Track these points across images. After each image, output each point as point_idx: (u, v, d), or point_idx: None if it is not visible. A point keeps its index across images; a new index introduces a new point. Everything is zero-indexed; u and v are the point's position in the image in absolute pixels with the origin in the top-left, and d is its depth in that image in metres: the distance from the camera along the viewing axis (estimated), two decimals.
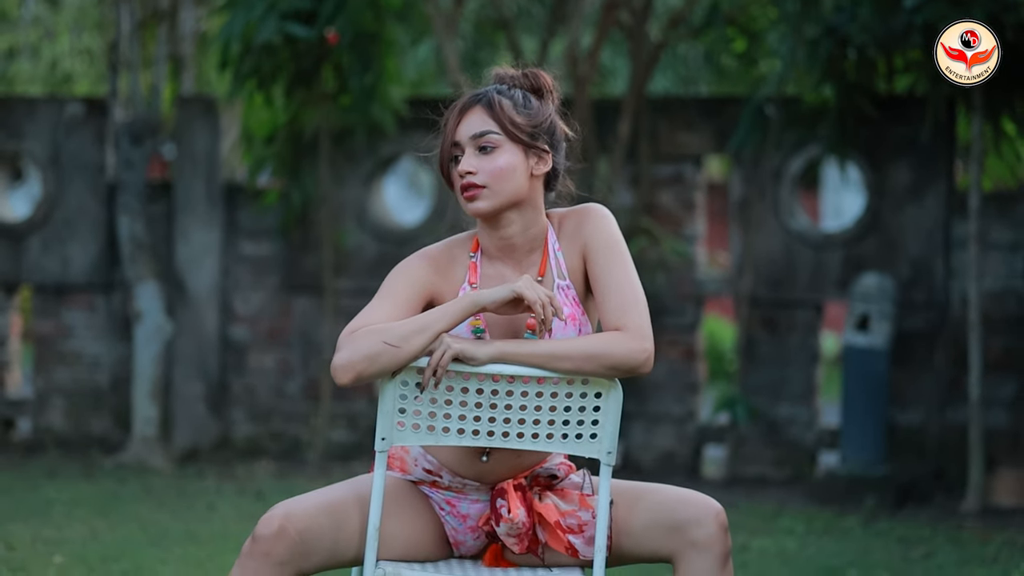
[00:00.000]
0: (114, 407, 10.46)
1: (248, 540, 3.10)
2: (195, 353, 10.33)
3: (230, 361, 10.37)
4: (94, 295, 10.55)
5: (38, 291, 10.72)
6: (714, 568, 3.16)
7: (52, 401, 10.58)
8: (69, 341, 10.60)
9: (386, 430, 3.11)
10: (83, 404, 10.52)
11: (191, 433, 10.21)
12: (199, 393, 10.29)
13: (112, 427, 10.44)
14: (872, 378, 8.56)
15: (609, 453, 3.16)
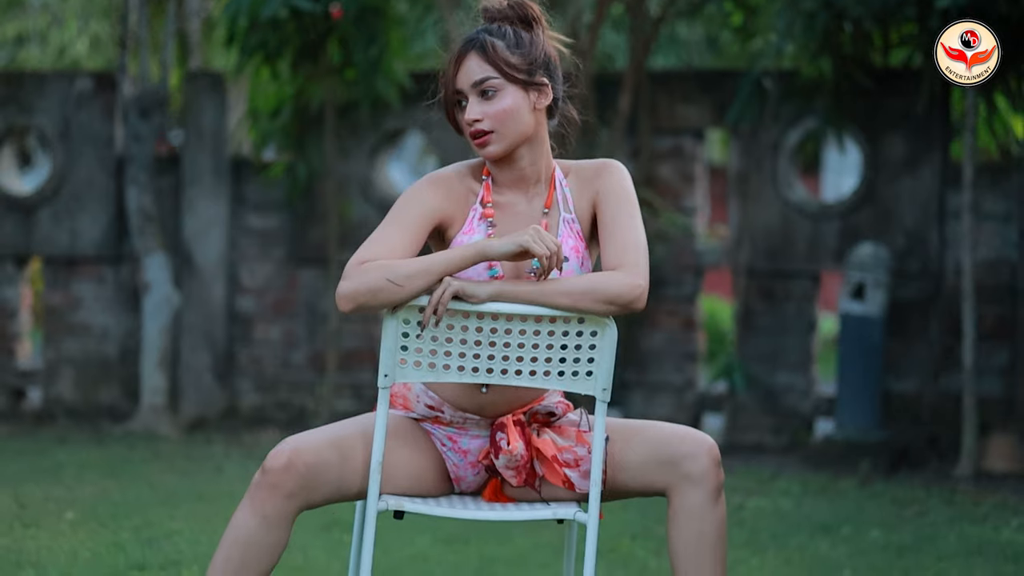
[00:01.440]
0: (122, 377, 10.61)
1: (257, 473, 3.23)
2: (202, 324, 10.48)
3: (237, 332, 10.52)
4: (103, 267, 10.70)
5: (48, 263, 10.87)
6: (707, 501, 3.29)
7: (61, 371, 10.74)
8: (78, 312, 10.75)
9: (388, 367, 3.24)
10: (92, 374, 10.68)
11: (198, 403, 10.37)
12: (206, 363, 10.45)
13: (121, 397, 10.59)
14: (867, 346, 8.72)
15: (604, 390, 3.28)
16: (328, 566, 5.42)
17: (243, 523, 3.21)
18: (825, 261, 9.41)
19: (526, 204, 3.38)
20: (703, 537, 3.28)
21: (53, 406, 10.65)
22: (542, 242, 3.15)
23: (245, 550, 3.21)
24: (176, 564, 5.35)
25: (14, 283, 10.94)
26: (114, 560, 5.42)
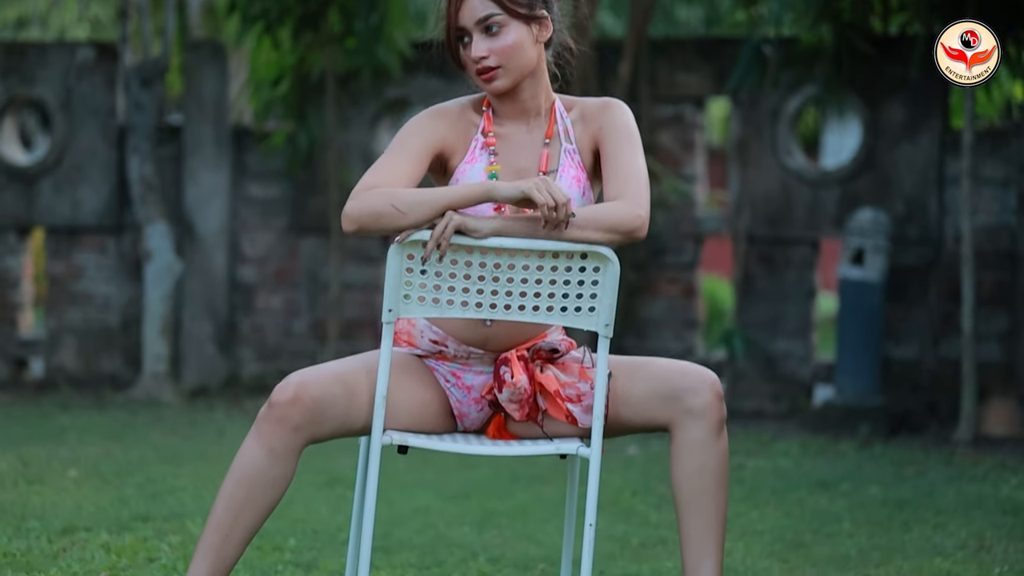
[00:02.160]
0: (124, 347, 10.65)
1: (263, 407, 3.26)
2: (204, 294, 10.51)
3: (238, 301, 10.55)
4: (105, 237, 10.73)
5: (50, 233, 10.89)
6: (710, 435, 3.32)
7: (64, 341, 10.77)
8: (80, 282, 10.78)
9: (392, 302, 3.27)
10: (94, 344, 10.71)
11: (200, 372, 10.41)
12: (208, 333, 10.48)
13: (123, 366, 10.63)
14: (867, 311, 8.76)
15: (607, 326, 3.31)
16: (331, 519, 5.46)
17: (249, 456, 3.25)
18: (825, 228, 9.44)
19: (527, 134, 3.42)
20: (705, 470, 3.32)
21: (55, 375, 10.69)
22: (548, 192, 3.17)
23: (251, 482, 3.24)
24: (180, 516, 5.38)
25: (16, 253, 10.97)
26: (118, 513, 5.46)
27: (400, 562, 4.72)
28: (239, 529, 3.24)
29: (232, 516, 3.24)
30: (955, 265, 8.98)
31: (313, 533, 5.18)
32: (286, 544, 4.95)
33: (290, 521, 5.37)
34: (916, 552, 5.00)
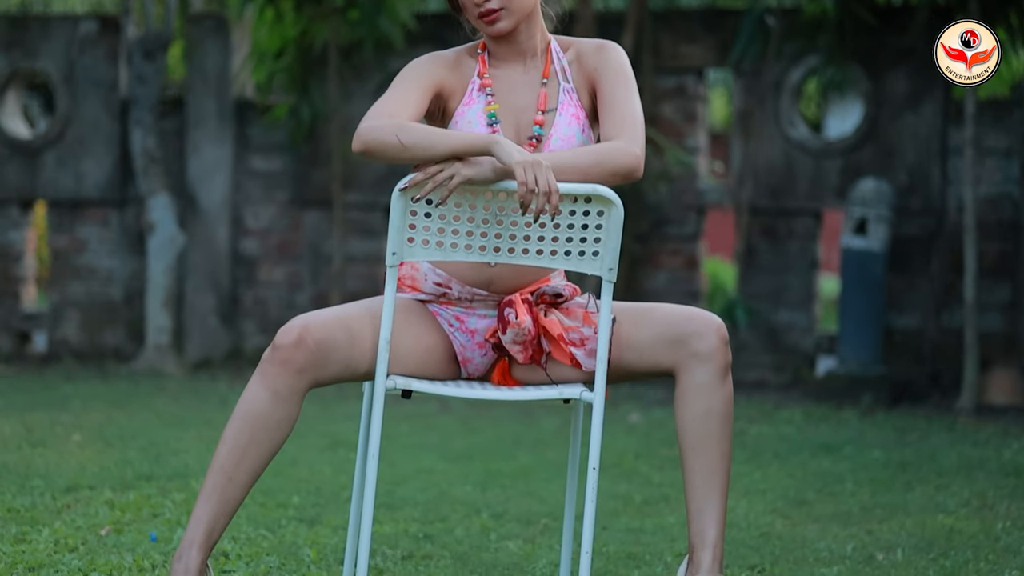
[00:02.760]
0: (127, 320, 10.66)
1: (267, 350, 3.26)
2: (206, 267, 10.52)
3: (241, 274, 10.56)
4: (108, 210, 10.73)
5: (53, 207, 10.90)
6: (715, 378, 3.32)
7: (67, 314, 10.78)
8: (83, 255, 10.79)
9: (396, 245, 3.27)
10: (97, 317, 10.72)
11: (203, 345, 10.42)
12: (211, 306, 10.49)
13: (126, 340, 10.64)
14: (869, 280, 8.76)
15: (611, 270, 3.31)
16: (334, 479, 5.47)
17: (254, 398, 3.25)
18: (827, 199, 9.44)
19: (524, 75, 3.43)
20: (710, 414, 3.31)
21: (58, 348, 10.70)
22: (535, 175, 3.12)
23: (255, 424, 3.24)
24: (183, 476, 5.40)
25: (19, 227, 10.97)
26: (122, 472, 5.47)
27: (403, 517, 4.73)
28: (243, 471, 3.24)
29: (236, 459, 3.24)
30: (958, 235, 8.98)
31: (316, 491, 5.19)
32: (290, 501, 4.97)
33: (294, 480, 5.38)
34: (919, 509, 5.01)
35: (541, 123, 3.37)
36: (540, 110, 3.40)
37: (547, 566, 4.04)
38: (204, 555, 3.18)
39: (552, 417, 7.47)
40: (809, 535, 4.56)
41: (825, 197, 9.45)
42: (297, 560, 4.05)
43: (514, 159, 3.12)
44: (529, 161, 3.13)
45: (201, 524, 3.20)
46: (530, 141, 3.35)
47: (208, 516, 3.21)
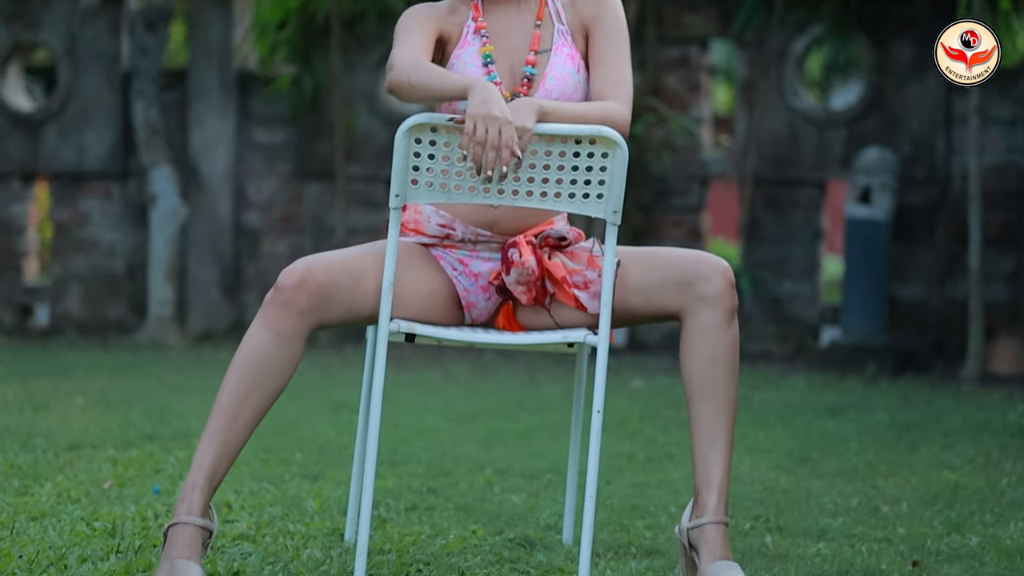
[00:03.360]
0: (130, 293, 10.64)
1: (270, 292, 3.24)
2: (209, 239, 10.50)
3: (243, 247, 10.54)
4: (110, 183, 10.71)
5: (55, 180, 10.88)
6: (721, 322, 3.30)
7: (69, 288, 10.76)
8: (85, 229, 10.77)
9: (399, 187, 3.25)
10: (99, 290, 10.71)
11: (205, 317, 10.41)
12: (213, 278, 10.48)
13: (128, 313, 10.63)
14: (873, 249, 8.73)
15: (615, 212, 3.28)
16: (337, 438, 5.46)
17: (256, 340, 3.23)
18: (831, 169, 9.42)
19: (518, 17, 3.43)
20: (717, 358, 3.29)
21: (61, 322, 10.69)
22: (484, 127, 3.08)
23: (257, 367, 3.23)
24: (186, 435, 5.39)
25: (21, 201, 10.96)
26: (124, 433, 5.46)
27: (407, 472, 4.72)
28: (245, 413, 3.22)
29: (239, 401, 3.22)
30: (962, 205, 8.96)
31: (319, 450, 5.18)
32: (292, 458, 4.96)
33: (296, 440, 5.38)
34: (923, 466, 5.00)
35: (534, 63, 3.37)
36: (533, 50, 3.39)
37: (551, 516, 4.03)
38: (207, 497, 3.16)
39: (555, 383, 7.47)
40: (814, 489, 4.55)
41: (829, 167, 9.43)
42: (300, 511, 4.03)
43: (471, 110, 3.09)
44: (483, 114, 3.08)
45: (204, 466, 3.18)
46: (523, 82, 3.34)
47: (211, 458, 3.19)
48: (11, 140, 10.79)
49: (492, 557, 3.49)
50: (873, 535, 3.85)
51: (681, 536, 3.27)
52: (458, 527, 3.84)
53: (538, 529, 3.87)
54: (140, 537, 3.57)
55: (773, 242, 9.53)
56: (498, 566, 3.39)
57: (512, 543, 3.67)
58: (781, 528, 3.93)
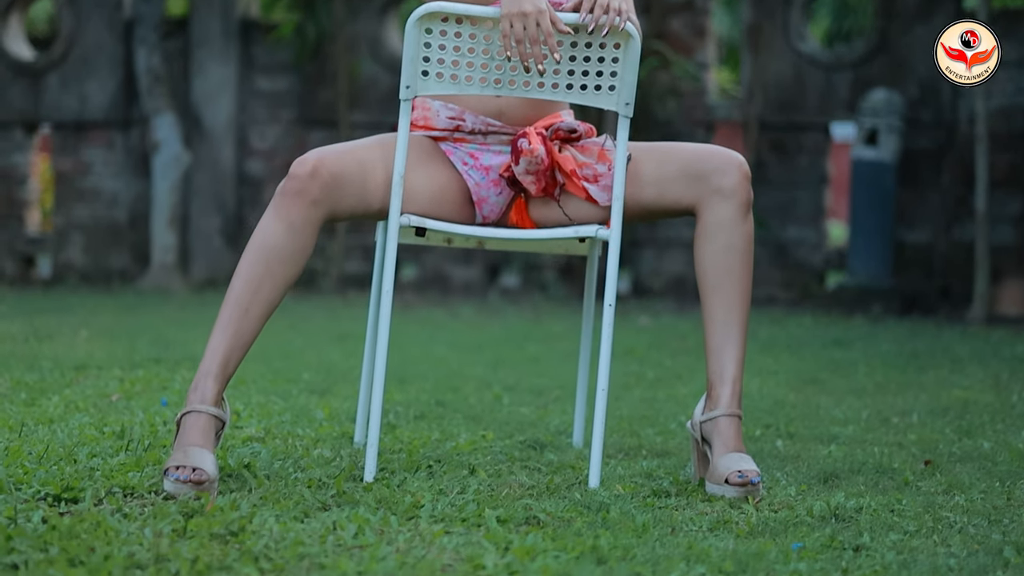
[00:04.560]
0: (132, 242, 10.62)
1: (283, 181, 3.22)
2: (212, 187, 10.47)
3: (246, 195, 10.51)
4: (112, 132, 10.68)
5: (57, 129, 10.84)
6: (737, 214, 3.28)
7: (71, 238, 10.74)
8: (88, 178, 10.74)
9: (410, 78, 3.23)
10: (102, 240, 10.68)
11: (208, 265, 10.39)
12: (216, 226, 10.45)
13: (131, 262, 10.60)
14: (879, 192, 8.71)
15: (627, 104, 3.26)
16: (343, 362, 5.45)
17: (269, 229, 3.21)
18: (837, 112, 9.38)
19: None
20: (732, 249, 3.27)
21: (63, 272, 10.67)
22: (520, 25, 3.10)
23: (270, 256, 3.20)
24: (192, 358, 5.37)
25: (23, 150, 10.92)
26: (129, 357, 5.44)
27: (415, 388, 4.70)
28: (258, 303, 3.20)
29: (251, 290, 3.20)
30: (969, 148, 8.93)
31: (326, 371, 5.17)
32: (300, 377, 4.95)
33: (303, 363, 5.36)
34: (933, 385, 5.00)
35: None
36: None
37: (561, 423, 4.02)
38: (220, 386, 3.14)
39: (560, 321, 7.45)
40: (823, 404, 4.53)
41: (835, 111, 9.39)
42: (309, 418, 4.02)
43: (503, 10, 3.11)
44: (515, 12, 3.11)
45: (217, 355, 3.16)
46: None
47: (223, 347, 3.17)
48: (13, 89, 10.75)
49: (503, 456, 3.48)
50: (884, 440, 3.84)
51: (694, 430, 3.25)
52: (468, 432, 3.83)
53: (548, 433, 3.86)
54: (149, 438, 3.56)
55: (779, 187, 9.50)
56: (508, 463, 3.38)
57: (522, 445, 3.66)
58: (791, 434, 3.92)
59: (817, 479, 3.26)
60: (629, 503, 2.93)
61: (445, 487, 3.04)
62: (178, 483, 2.94)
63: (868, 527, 2.76)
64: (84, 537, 2.51)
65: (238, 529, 2.59)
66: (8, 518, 2.61)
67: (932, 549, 2.61)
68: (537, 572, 2.38)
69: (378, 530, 2.64)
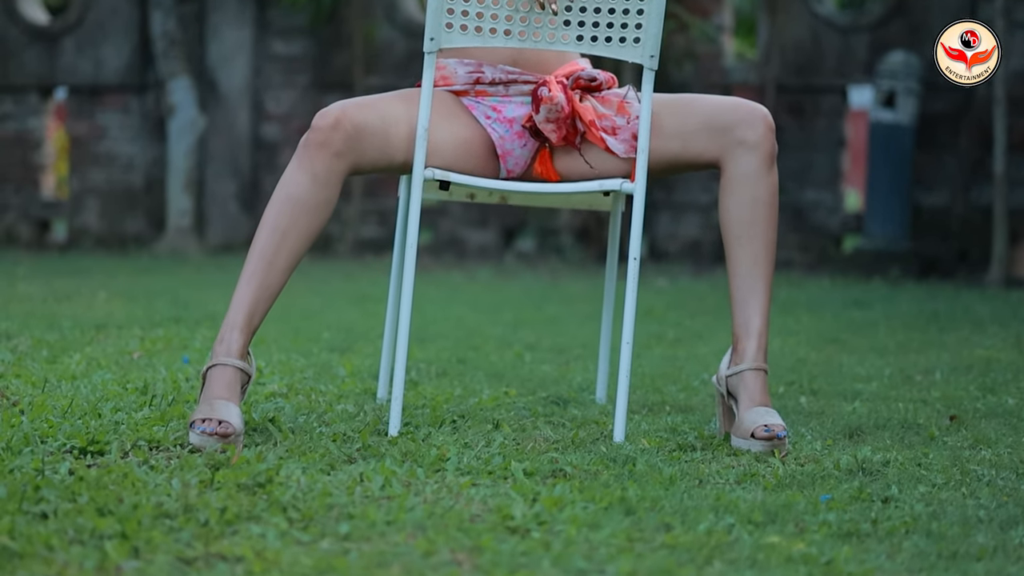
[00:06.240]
0: (148, 207, 10.61)
1: (306, 133, 3.21)
2: (227, 152, 10.46)
3: (261, 159, 10.50)
4: (127, 96, 10.66)
5: (72, 93, 10.83)
6: (762, 166, 3.27)
7: (87, 202, 10.74)
8: (103, 142, 10.73)
9: (434, 30, 3.21)
10: (118, 204, 10.68)
11: (223, 230, 10.38)
12: (231, 191, 10.44)
13: (146, 227, 10.60)
14: (897, 154, 8.68)
15: (652, 57, 3.24)
16: (363, 322, 5.45)
17: (293, 180, 3.21)
18: (855, 75, 9.34)
19: None
20: (757, 201, 3.27)
21: (79, 236, 10.67)
22: None
23: (295, 206, 3.20)
24: (212, 317, 5.37)
25: (38, 114, 10.92)
26: (149, 317, 5.44)
27: (435, 347, 4.70)
28: (283, 255, 3.20)
29: (276, 242, 3.19)
30: (987, 110, 8.89)
31: (346, 330, 5.17)
32: (320, 336, 4.94)
33: (323, 323, 5.36)
34: (955, 345, 4.98)
35: None
36: None
37: (584, 380, 4.01)
38: (246, 338, 3.14)
39: (578, 282, 7.44)
40: (846, 363, 4.52)
41: (852, 73, 9.35)
42: (331, 375, 4.02)
43: None
44: None
45: (242, 307, 3.16)
46: None
47: (249, 299, 3.17)
48: (29, 53, 10.74)
49: (526, 412, 3.47)
50: (908, 396, 3.83)
51: (719, 384, 3.24)
52: (491, 389, 3.82)
53: (571, 389, 3.85)
54: (172, 393, 3.55)
55: (796, 150, 9.47)
56: (532, 419, 3.37)
57: (546, 400, 3.65)
58: (815, 391, 3.91)
59: (842, 434, 3.26)
60: (655, 456, 2.92)
61: (470, 441, 3.04)
62: (204, 435, 2.93)
63: (896, 480, 2.75)
64: (112, 488, 2.51)
65: (265, 480, 2.59)
66: (36, 469, 2.60)
67: (961, 501, 2.60)
68: (566, 522, 2.37)
69: (405, 482, 2.64)
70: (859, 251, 8.81)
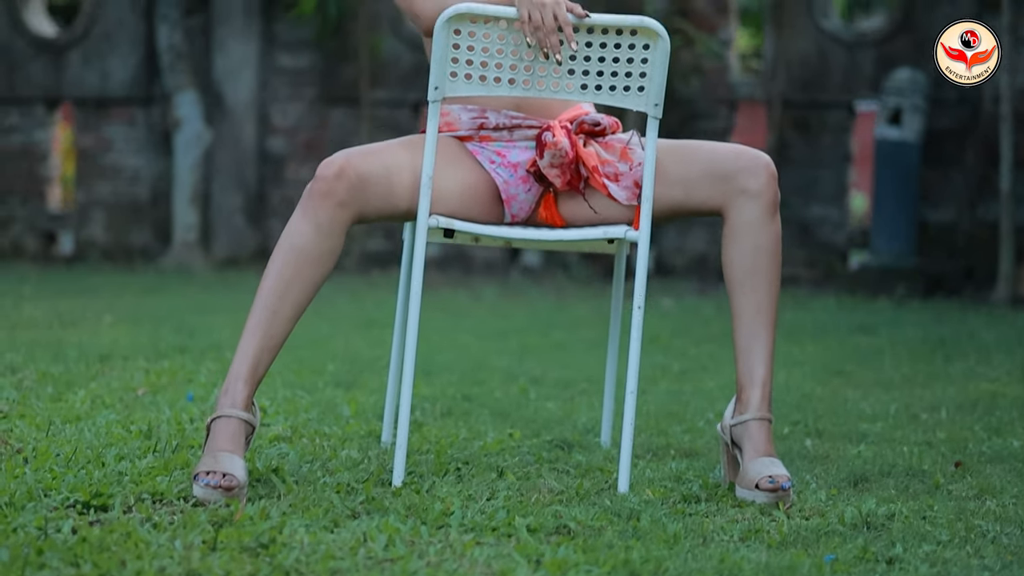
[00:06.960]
0: (154, 220, 10.62)
1: (310, 183, 3.21)
2: (233, 165, 10.46)
3: (268, 172, 10.50)
4: (134, 109, 10.67)
5: (79, 105, 10.84)
6: (764, 215, 3.27)
7: (93, 215, 10.74)
8: (109, 155, 10.74)
9: (439, 79, 3.21)
10: (124, 217, 10.68)
11: (229, 243, 10.38)
12: (237, 204, 10.44)
13: (152, 240, 10.61)
14: (903, 171, 8.67)
15: (656, 105, 3.24)
16: (369, 351, 5.44)
17: (297, 231, 3.20)
18: (861, 91, 9.33)
19: None
20: (760, 250, 3.27)
21: (85, 249, 10.68)
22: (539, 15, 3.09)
23: (299, 256, 3.19)
24: (217, 347, 5.37)
25: (45, 126, 10.92)
26: (155, 345, 5.45)
27: (441, 382, 4.70)
28: (287, 305, 3.20)
29: (280, 293, 3.19)
30: (993, 126, 8.87)
31: (351, 361, 5.16)
32: (325, 368, 4.94)
33: (328, 352, 5.36)
34: (960, 377, 4.97)
35: None
36: None
37: (588, 421, 4.01)
38: (251, 390, 3.14)
39: (584, 303, 7.44)
40: (851, 398, 4.51)
41: (859, 89, 9.34)
42: (335, 415, 4.01)
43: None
44: (536, 0, 3.08)
45: (247, 358, 3.16)
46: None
47: (253, 350, 3.17)
48: (35, 65, 10.74)
49: (531, 457, 3.46)
50: (913, 438, 3.82)
51: (724, 433, 3.24)
52: (495, 431, 3.82)
53: (575, 432, 3.84)
54: (176, 438, 3.55)
55: (802, 166, 9.46)
56: (537, 465, 3.36)
57: (550, 445, 3.64)
58: (820, 432, 3.91)
59: (847, 482, 3.25)
60: (659, 510, 2.92)
61: (474, 492, 3.03)
62: (208, 488, 2.93)
63: (900, 536, 2.74)
64: (114, 550, 2.50)
65: (268, 541, 2.58)
66: (38, 528, 2.60)
67: (966, 561, 2.59)
68: None
69: (408, 541, 2.63)
70: (865, 268, 8.80)
